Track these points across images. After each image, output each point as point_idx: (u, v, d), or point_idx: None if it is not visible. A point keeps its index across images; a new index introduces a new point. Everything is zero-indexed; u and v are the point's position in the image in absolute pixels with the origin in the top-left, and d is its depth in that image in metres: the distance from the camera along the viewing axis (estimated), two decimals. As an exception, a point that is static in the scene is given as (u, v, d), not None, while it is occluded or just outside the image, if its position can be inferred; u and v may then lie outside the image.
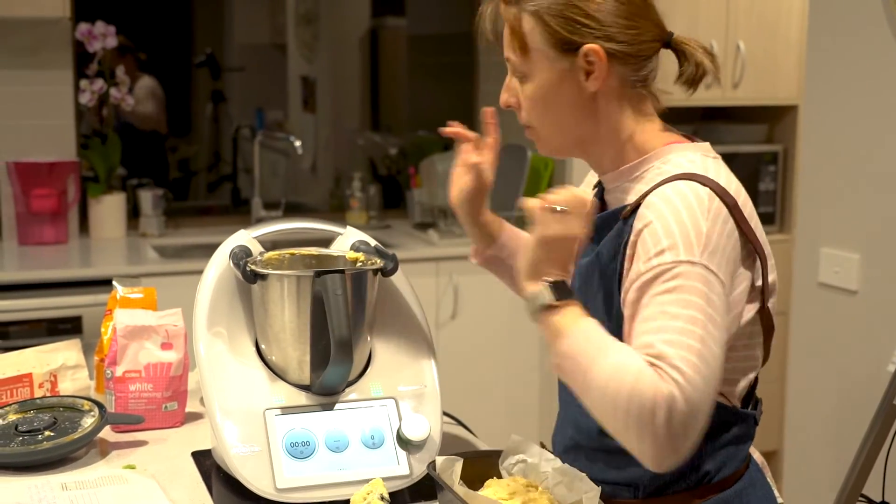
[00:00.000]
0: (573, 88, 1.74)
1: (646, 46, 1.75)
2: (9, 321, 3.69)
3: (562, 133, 1.80)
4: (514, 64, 1.78)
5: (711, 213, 1.62)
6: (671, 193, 1.64)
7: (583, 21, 1.70)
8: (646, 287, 1.59)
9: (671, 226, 1.60)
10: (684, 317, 1.54)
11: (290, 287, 1.83)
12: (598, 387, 1.53)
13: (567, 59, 1.72)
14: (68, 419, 2.02)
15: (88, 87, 4.30)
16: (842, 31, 3.11)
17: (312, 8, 6.61)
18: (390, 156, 5.55)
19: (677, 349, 1.51)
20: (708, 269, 1.58)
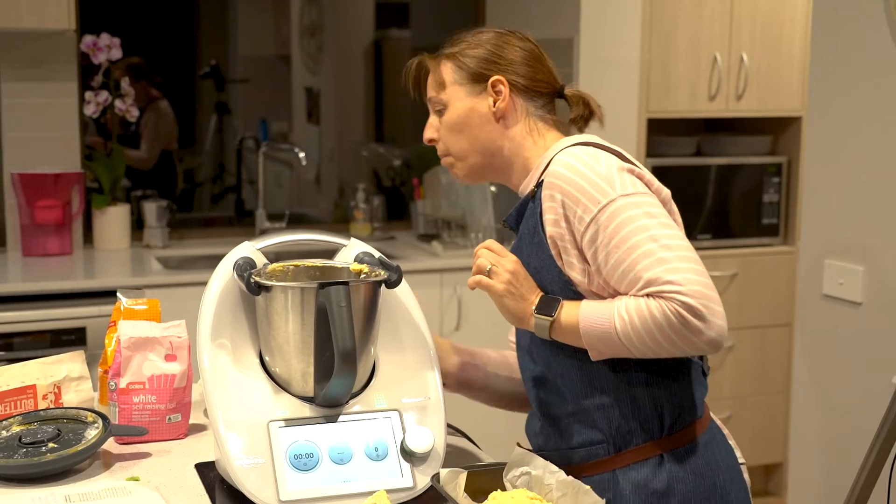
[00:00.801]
0: (483, 111, 2.07)
1: (540, 85, 2.10)
2: (13, 332, 3.69)
3: (475, 152, 2.09)
4: (434, 100, 2.12)
5: (603, 159, 1.94)
6: (566, 159, 1.95)
7: (491, 59, 2.08)
8: (596, 238, 1.89)
9: (579, 182, 1.91)
10: (643, 240, 1.85)
11: (294, 299, 1.83)
12: (633, 342, 1.85)
13: (478, 87, 2.08)
14: (72, 431, 2.02)
15: (93, 98, 4.31)
16: (845, 43, 3.11)
17: (317, 20, 6.62)
18: (394, 167, 5.55)
19: (658, 267, 1.83)
20: (627, 195, 1.89)
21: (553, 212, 1.94)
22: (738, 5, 4.67)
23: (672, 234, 1.87)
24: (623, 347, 1.87)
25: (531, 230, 2.00)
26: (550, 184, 1.95)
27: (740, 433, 4.87)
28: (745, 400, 4.86)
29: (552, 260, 1.96)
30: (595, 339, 1.89)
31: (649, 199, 1.91)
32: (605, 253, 1.88)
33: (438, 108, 2.12)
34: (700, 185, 4.79)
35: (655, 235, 1.86)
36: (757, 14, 4.70)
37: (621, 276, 1.87)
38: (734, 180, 4.87)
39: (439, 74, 2.11)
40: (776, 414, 4.91)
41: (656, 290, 1.82)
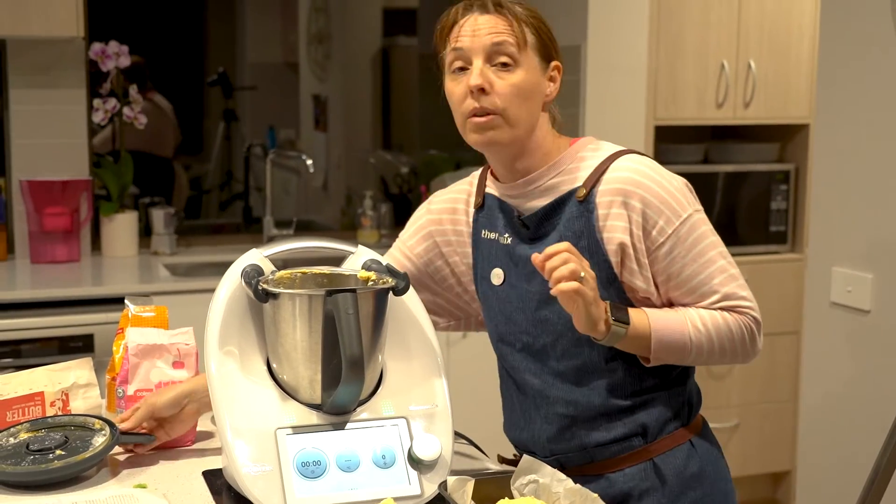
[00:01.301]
0: (541, 89, 2.03)
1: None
2: (21, 339, 3.69)
3: (524, 123, 2.01)
4: (508, 52, 1.99)
5: (669, 172, 2.00)
6: (636, 166, 1.99)
7: (553, 43, 2.05)
8: (674, 249, 1.96)
9: (661, 194, 1.96)
10: (716, 255, 1.98)
11: (301, 306, 1.83)
12: (704, 352, 1.97)
13: (544, 65, 2.03)
14: (79, 438, 2.02)
15: (101, 106, 4.32)
16: (853, 50, 3.11)
17: (325, 27, 6.63)
18: (402, 174, 5.56)
19: (733, 283, 1.98)
20: (698, 210, 2.00)
21: (624, 219, 1.96)
22: (746, 12, 4.67)
23: (728, 253, 2.02)
24: (688, 356, 1.99)
25: (576, 233, 1.99)
26: (626, 191, 1.96)
27: (748, 441, 4.88)
28: (753, 408, 4.85)
29: (607, 264, 1.97)
30: (664, 346, 1.96)
31: (706, 217, 2.02)
32: (680, 265, 1.97)
33: (505, 60, 2.00)
34: (707, 192, 4.78)
35: (723, 252, 2.00)
36: (764, 21, 4.70)
37: (693, 288, 1.98)
38: (742, 188, 4.86)
39: (520, 31, 2.00)
40: (784, 422, 4.90)
41: (733, 305, 1.99)
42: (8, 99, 4.29)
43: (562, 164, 2.04)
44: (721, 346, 1.98)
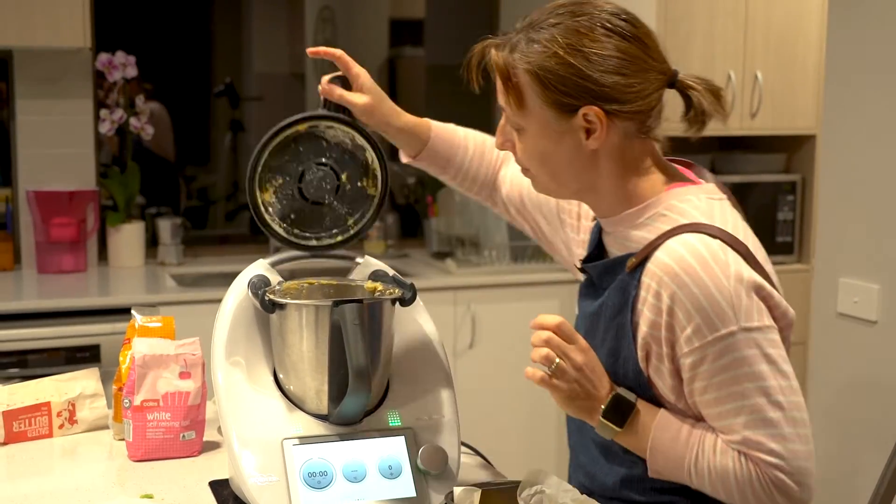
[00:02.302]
0: (572, 146, 1.71)
1: (649, 100, 1.71)
2: (27, 349, 3.70)
3: (559, 184, 1.79)
4: (509, 115, 1.77)
5: (731, 268, 1.64)
6: (684, 253, 1.65)
7: (580, 83, 1.66)
8: (698, 365, 1.66)
9: (698, 297, 1.62)
10: (752, 391, 1.64)
11: (308, 317, 1.83)
12: (706, 487, 1.70)
13: (565, 119, 1.69)
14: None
15: (108, 116, 4.33)
16: (859, 61, 3.11)
17: (331, 37, 6.64)
18: (408, 185, 5.56)
19: (763, 429, 1.64)
20: (749, 329, 1.64)
21: (655, 311, 1.68)
22: (753, 23, 4.67)
23: (786, 387, 1.67)
24: (688, 482, 1.73)
25: (616, 305, 1.75)
26: (660, 280, 1.66)
27: (755, 452, 4.86)
28: (759, 418, 4.84)
29: (633, 352, 1.73)
30: (660, 464, 1.73)
31: (771, 336, 1.68)
32: (704, 384, 1.67)
33: (514, 125, 1.77)
34: (714, 202, 4.77)
35: (768, 388, 1.65)
36: (771, 32, 4.70)
37: (715, 416, 1.68)
38: (748, 198, 4.86)
39: (515, 89, 1.72)
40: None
41: (754, 456, 1.66)
42: (15, 109, 4.30)
43: (635, 217, 1.75)
44: (728, 492, 1.69)
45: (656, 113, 1.74)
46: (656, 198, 1.74)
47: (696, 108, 1.74)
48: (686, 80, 1.75)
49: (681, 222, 1.69)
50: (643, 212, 1.74)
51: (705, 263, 1.63)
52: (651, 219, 1.73)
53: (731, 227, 1.70)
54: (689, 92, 1.74)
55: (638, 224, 1.74)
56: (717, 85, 1.77)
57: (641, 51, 1.70)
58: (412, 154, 2.16)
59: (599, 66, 1.66)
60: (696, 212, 1.70)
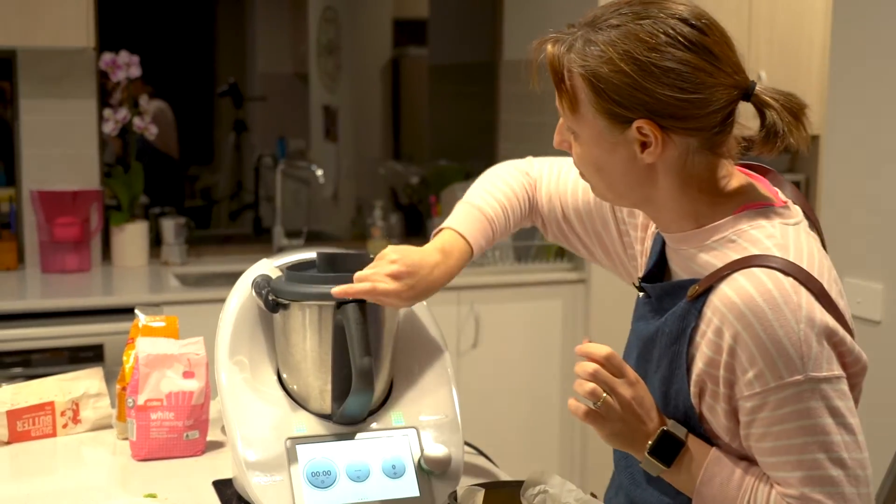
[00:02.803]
0: (627, 158, 1.58)
1: (714, 116, 1.56)
2: (31, 349, 3.70)
3: (616, 194, 1.67)
4: (563, 117, 1.64)
5: (803, 311, 1.51)
6: (752, 291, 1.51)
7: (634, 94, 1.53)
8: (758, 411, 1.53)
9: (764, 342, 1.50)
10: (813, 445, 1.51)
11: (311, 316, 1.83)
12: None
13: (619, 129, 1.56)
14: None
15: (112, 116, 4.33)
16: (863, 62, 3.10)
17: (334, 38, 6.64)
18: (411, 184, 5.56)
19: (821, 487, 1.52)
20: (817, 380, 1.51)
21: (714, 348, 1.55)
22: (757, 24, 4.67)
23: (850, 443, 1.53)
24: None
25: (674, 333, 1.62)
26: (724, 317, 1.53)
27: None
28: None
29: (685, 384, 1.61)
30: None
31: (839, 387, 1.53)
32: (762, 431, 1.54)
33: (570, 129, 1.65)
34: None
35: (831, 444, 1.52)
36: (775, 33, 4.70)
37: (771, 466, 1.56)
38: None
39: (570, 93, 1.59)
40: (794, 433, 4.88)
41: None
42: (18, 109, 4.30)
43: (701, 238, 1.62)
44: None
45: (725, 128, 1.58)
46: (725, 220, 1.60)
47: (769, 127, 1.60)
48: (763, 94, 1.60)
49: (751, 252, 1.55)
50: (710, 234, 1.60)
51: (775, 305, 1.49)
52: (719, 243, 1.59)
53: (805, 259, 1.56)
54: (765, 109, 1.60)
55: (704, 246, 1.61)
56: (802, 101, 1.62)
57: (707, 62, 1.54)
58: None
59: (656, 78, 1.52)
60: (768, 241, 1.56)
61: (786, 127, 1.58)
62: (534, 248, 4.51)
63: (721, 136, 1.58)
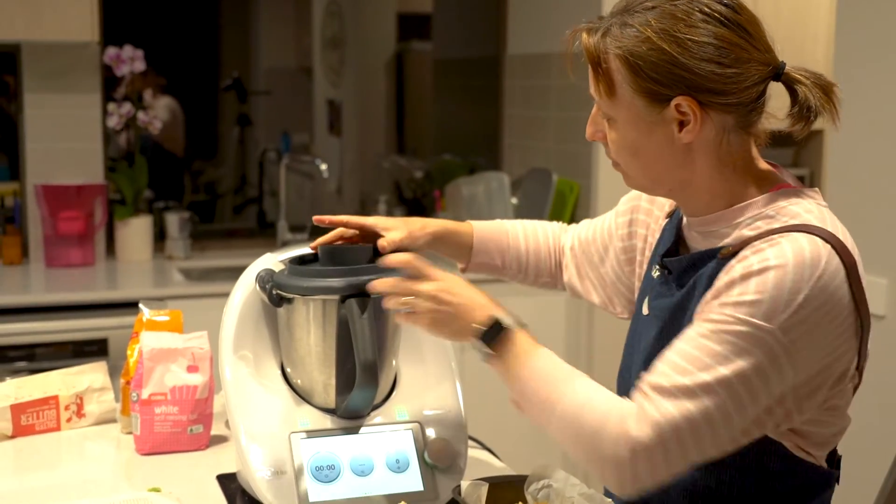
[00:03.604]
0: (664, 139, 1.60)
1: (749, 92, 1.59)
2: (35, 343, 3.70)
3: (651, 179, 1.68)
4: (601, 106, 1.66)
5: (822, 281, 1.50)
6: (787, 246, 1.51)
7: (673, 70, 1.55)
8: (705, 324, 1.52)
9: (768, 280, 1.49)
10: (720, 379, 1.48)
11: (315, 311, 1.83)
12: (562, 419, 1.58)
13: (657, 109, 1.58)
14: None
15: (116, 110, 4.33)
16: (867, 55, 3.10)
17: (339, 32, 6.64)
18: (416, 179, 5.56)
19: (686, 400, 1.49)
20: (776, 337, 1.49)
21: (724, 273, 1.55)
22: (761, 18, 4.66)
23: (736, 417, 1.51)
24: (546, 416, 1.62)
25: (700, 294, 1.61)
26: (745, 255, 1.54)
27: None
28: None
29: None
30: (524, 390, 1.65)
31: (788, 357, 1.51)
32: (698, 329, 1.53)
33: (605, 116, 1.67)
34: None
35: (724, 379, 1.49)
36: (779, 27, 4.65)
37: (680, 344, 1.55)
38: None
39: (606, 76, 1.61)
40: (798, 427, 4.87)
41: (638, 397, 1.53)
42: (23, 103, 4.30)
43: (735, 216, 1.63)
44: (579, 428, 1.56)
45: (758, 107, 1.62)
46: (761, 197, 1.62)
47: (802, 103, 1.62)
48: (793, 72, 1.65)
49: (792, 224, 1.56)
50: (744, 210, 1.62)
51: (800, 261, 1.49)
52: (755, 218, 1.60)
53: (841, 236, 1.57)
54: (796, 86, 1.64)
55: (737, 223, 1.62)
56: (829, 80, 1.66)
57: (743, 38, 1.59)
58: (463, 264, 2.08)
59: (694, 53, 1.55)
60: (808, 215, 1.58)
61: (817, 102, 1.62)
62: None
63: (754, 114, 1.61)
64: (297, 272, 1.87)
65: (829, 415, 1.65)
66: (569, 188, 4.55)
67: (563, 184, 4.54)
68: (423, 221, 1.98)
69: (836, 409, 1.66)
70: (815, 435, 1.65)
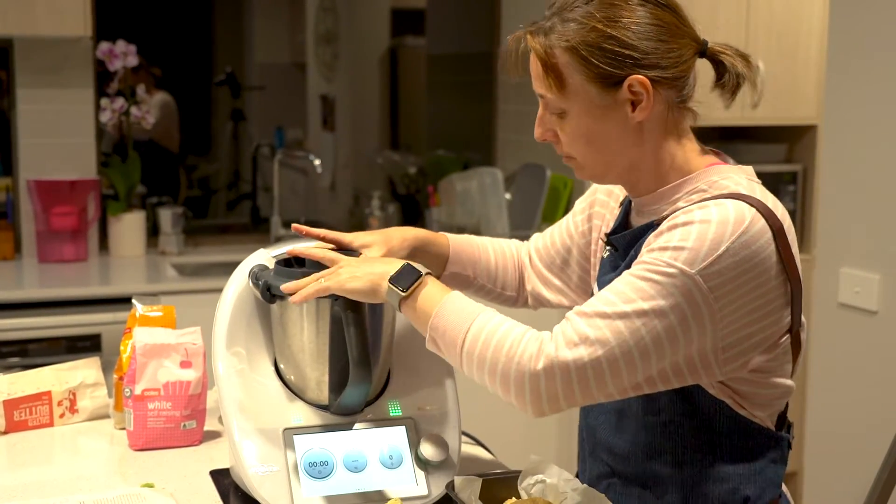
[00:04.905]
0: (618, 121, 1.69)
1: (686, 65, 1.72)
2: (28, 339, 3.70)
3: (606, 164, 1.74)
4: (549, 101, 1.72)
5: (745, 237, 1.58)
6: (713, 207, 1.60)
7: (623, 52, 1.65)
8: (634, 267, 1.61)
9: (691, 231, 1.58)
10: (639, 311, 1.56)
11: (308, 307, 1.83)
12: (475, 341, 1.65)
13: (610, 93, 1.67)
14: None
15: (109, 105, 4.32)
16: (861, 51, 3.10)
17: (332, 27, 6.63)
18: (409, 174, 5.56)
19: (602, 324, 1.57)
20: (694, 282, 1.56)
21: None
22: (754, 14, 4.67)
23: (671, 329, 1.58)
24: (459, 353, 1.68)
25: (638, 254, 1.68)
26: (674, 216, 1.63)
27: (755, 442, 4.86)
28: (760, 408, 4.84)
29: None
30: (440, 331, 1.69)
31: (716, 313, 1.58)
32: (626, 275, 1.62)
33: (555, 110, 1.72)
34: (715, 192, 4.77)
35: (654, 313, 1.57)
36: (773, 22, 4.69)
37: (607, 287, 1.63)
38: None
39: (555, 71, 1.69)
40: (792, 423, 4.88)
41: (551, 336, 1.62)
42: (15, 98, 4.30)
43: (674, 192, 1.73)
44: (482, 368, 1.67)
45: (692, 80, 1.75)
46: (696, 174, 1.73)
47: (731, 71, 1.76)
48: (715, 46, 1.77)
49: (716, 193, 1.67)
50: (682, 186, 1.72)
51: (724, 219, 1.58)
52: (690, 193, 1.70)
53: (770, 204, 1.66)
54: (721, 57, 1.77)
55: (676, 199, 1.72)
56: (744, 51, 1.80)
57: (675, 17, 1.71)
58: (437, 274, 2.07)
59: (639, 33, 1.66)
60: (737, 187, 1.67)
61: (742, 70, 1.77)
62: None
63: (690, 88, 1.75)
64: (283, 273, 1.86)
65: (764, 377, 1.70)
66: (562, 184, 4.55)
67: (556, 179, 4.54)
68: (402, 233, 1.99)
69: (770, 371, 1.71)
70: (754, 396, 1.71)
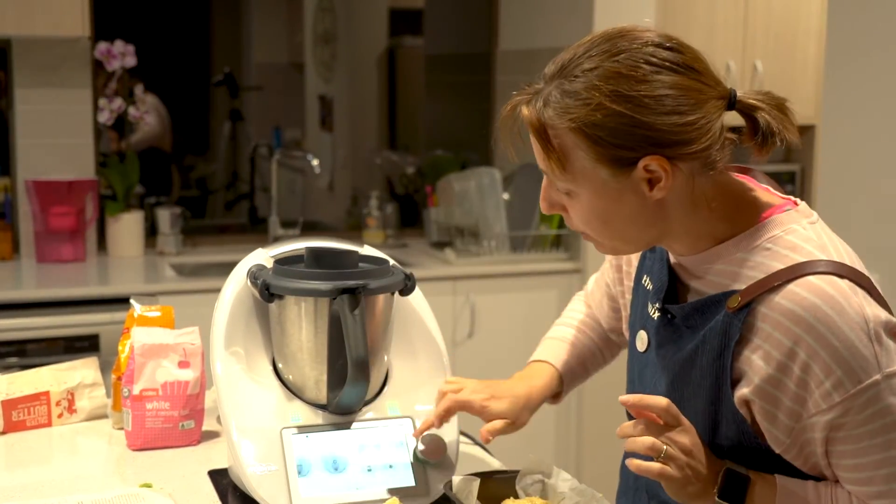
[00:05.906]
0: (634, 202, 1.51)
1: (713, 131, 1.49)
2: (26, 339, 3.70)
3: (626, 241, 1.60)
4: (557, 182, 1.56)
5: (866, 310, 1.47)
6: (817, 301, 1.46)
7: (635, 132, 1.45)
8: (840, 419, 1.47)
9: (839, 350, 1.44)
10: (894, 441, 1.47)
11: (307, 306, 1.83)
12: None
13: (624, 174, 1.48)
14: None
15: (107, 105, 4.32)
16: (859, 52, 3.10)
17: (330, 27, 6.63)
18: (407, 175, 5.55)
19: None
20: (890, 375, 1.46)
21: (776, 365, 1.48)
22: (752, 13, 4.67)
23: None
24: None
25: (717, 349, 1.54)
26: (788, 331, 1.46)
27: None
28: (758, 408, 4.84)
29: (731, 398, 1.54)
30: None
31: None
32: (843, 435, 1.48)
33: (562, 190, 1.56)
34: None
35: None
36: (771, 22, 4.69)
37: (852, 468, 1.50)
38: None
39: (557, 152, 1.51)
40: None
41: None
42: (13, 99, 4.29)
43: (729, 251, 1.56)
44: None
45: (722, 142, 1.51)
46: (752, 230, 1.56)
47: (765, 129, 1.54)
48: (746, 98, 1.55)
49: (794, 258, 1.50)
50: (740, 245, 1.55)
51: (841, 310, 1.45)
52: (752, 252, 1.54)
53: (846, 257, 1.54)
54: (755, 113, 1.54)
55: (735, 259, 1.55)
56: (780, 97, 1.59)
57: (695, 80, 1.50)
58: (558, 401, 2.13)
59: (653, 109, 1.45)
60: (808, 245, 1.53)
61: (778, 124, 1.54)
62: (529, 238, 4.51)
63: (721, 151, 1.52)
64: (282, 273, 1.86)
65: None
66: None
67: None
68: (527, 398, 2.00)
69: None
70: None
